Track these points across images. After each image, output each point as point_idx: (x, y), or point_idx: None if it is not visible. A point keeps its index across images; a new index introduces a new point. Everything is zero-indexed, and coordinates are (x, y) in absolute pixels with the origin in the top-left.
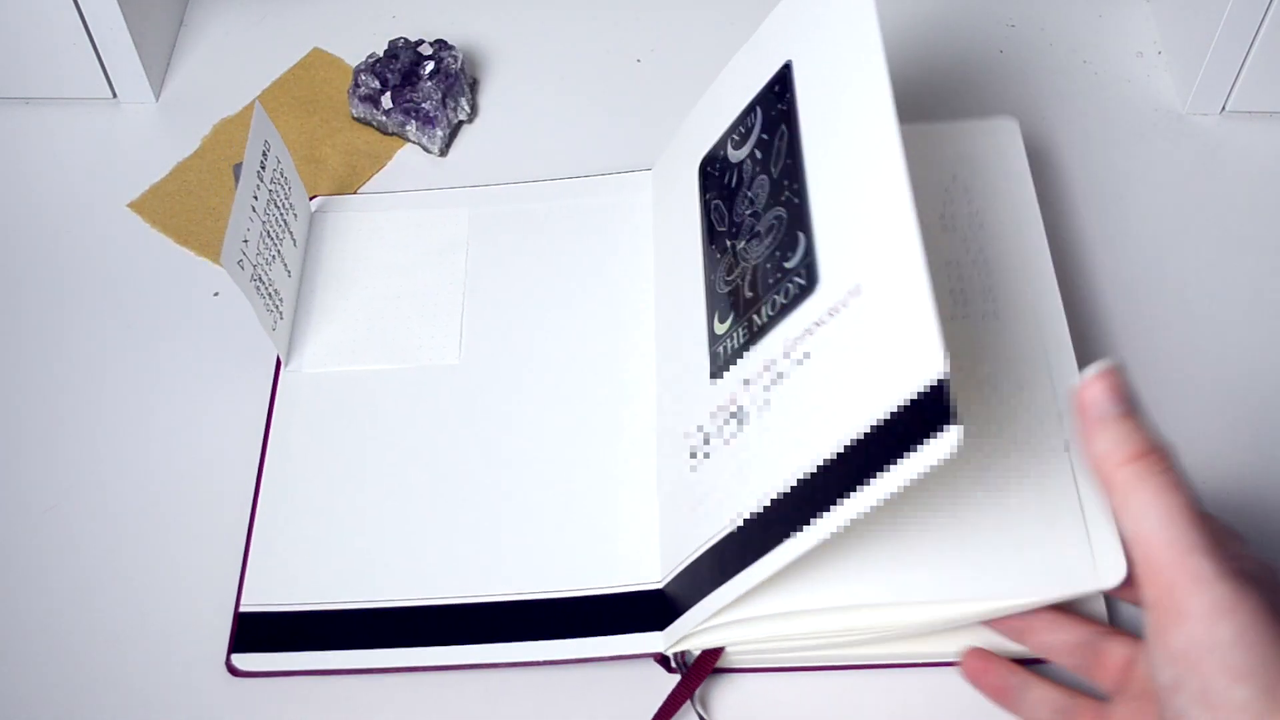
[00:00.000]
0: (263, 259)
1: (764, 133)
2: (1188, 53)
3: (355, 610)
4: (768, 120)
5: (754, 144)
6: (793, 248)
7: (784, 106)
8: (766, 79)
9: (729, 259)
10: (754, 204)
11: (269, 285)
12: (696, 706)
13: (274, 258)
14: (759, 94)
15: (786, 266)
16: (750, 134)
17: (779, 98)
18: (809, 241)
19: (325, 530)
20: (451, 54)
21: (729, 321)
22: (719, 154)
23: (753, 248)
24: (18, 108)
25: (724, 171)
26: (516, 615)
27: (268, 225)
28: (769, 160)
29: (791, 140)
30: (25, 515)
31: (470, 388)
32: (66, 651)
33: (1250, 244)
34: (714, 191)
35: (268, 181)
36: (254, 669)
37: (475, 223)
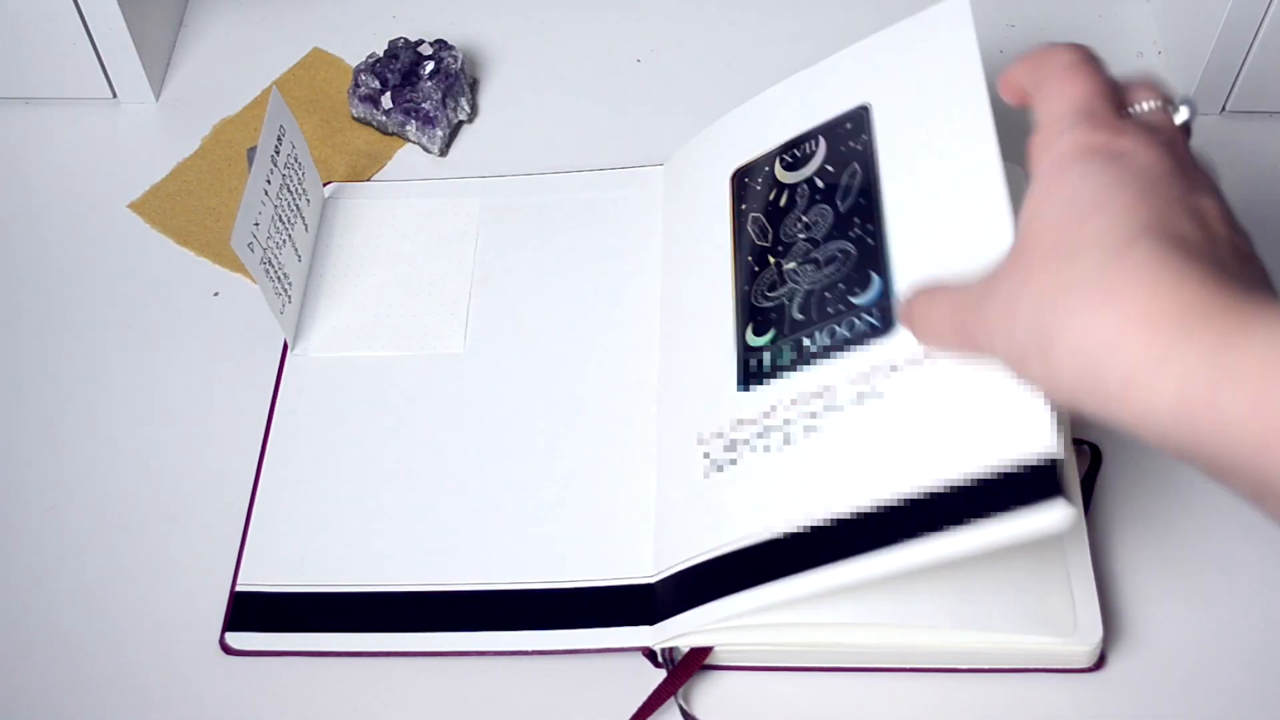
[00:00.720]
0: (273, 242)
1: (829, 164)
2: (1188, 53)
3: (349, 594)
4: (835, 153)
5: (814, 171)
6: (863, 285)
7: (859, 146)
8: (835, 113)
9: (771, 275)
10: (810, 230)
11: (279, 269)
12: (680, 702)
13: (285, 241)
14: (824, 125)
15: (854, 302)
16: (808, 160)
17: (852, 135)
18: (885, 284)
19: (323, 513)
20: (451, 54)
21: (768, 336)
22: (763, 169)
23: (806, 272)
24: (18, 108)
25: (769, 188)
26: (509, 604)
27: (280, 209)
28: (834, 193)
29: (867, 181)
30: (26, 515)
31: (473, 377)
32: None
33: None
34: (753, 204)
35: (281, 166)
36: (247, 648)
37: (485, 213)
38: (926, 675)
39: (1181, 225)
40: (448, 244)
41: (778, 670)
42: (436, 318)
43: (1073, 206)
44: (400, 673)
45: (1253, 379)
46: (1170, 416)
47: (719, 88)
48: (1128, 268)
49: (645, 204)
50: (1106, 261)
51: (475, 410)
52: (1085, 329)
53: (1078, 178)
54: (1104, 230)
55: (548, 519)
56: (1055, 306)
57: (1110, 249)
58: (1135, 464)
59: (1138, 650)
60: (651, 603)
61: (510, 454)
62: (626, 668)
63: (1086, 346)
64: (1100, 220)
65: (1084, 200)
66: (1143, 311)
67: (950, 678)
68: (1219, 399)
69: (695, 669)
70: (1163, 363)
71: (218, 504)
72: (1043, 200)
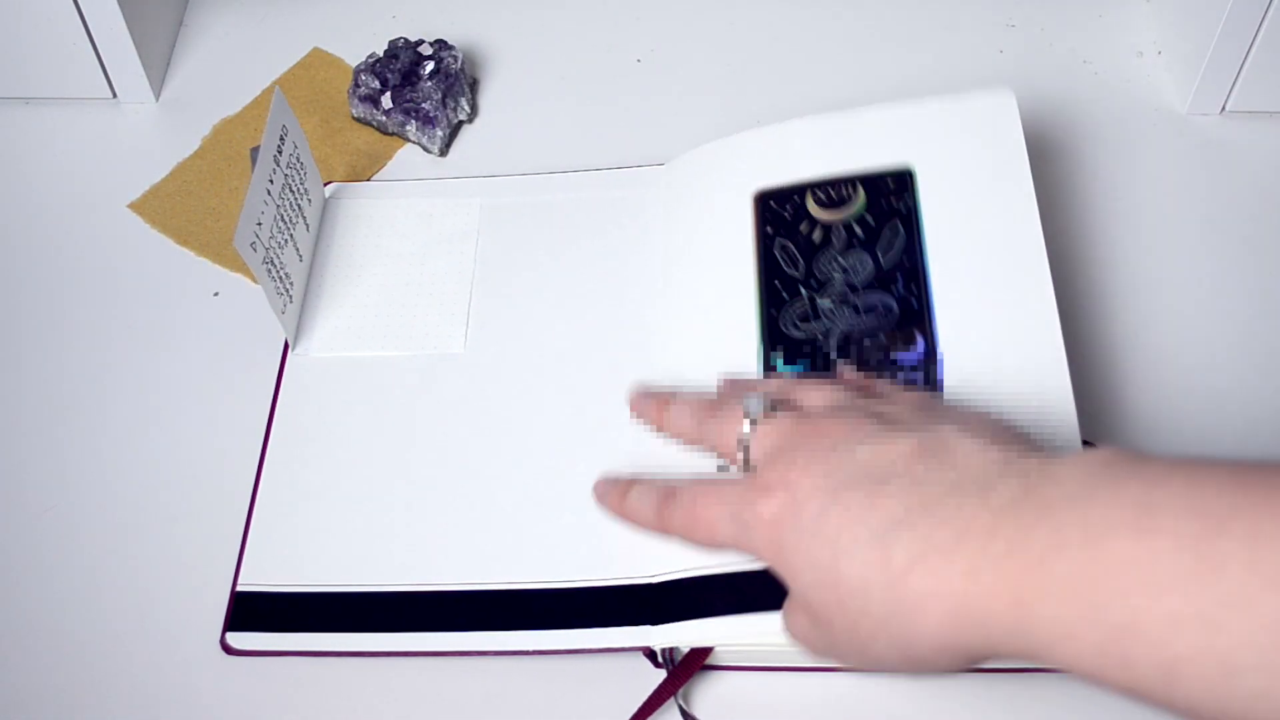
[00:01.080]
0: (275, 242)
1: (870, 214)
2: (1188, 53)
3: (350, 594)
4: (876, 205)
5: (853, 217)
6: (907, 344)
7: (901, 207)
8: (874, 165)
9: (804, 306)
10: (848, 274)
11: (280, 268)
12: (680, 702)
13: (286, 241)
14: (864, 174)
15: (896, 360)
16: (845, 203)
17: (895, 194)
18: (930, 348)
19: (324, 513)
20: (451, 54)
21: (799, 367)
22: (791, 198)
23: (845, 314)
24: (18, 108)
25: (800, 219)
26: (509, 604)
27: (282, 209)
28: (875, 244)
29: (910, 243)
30: (25, 515)
31: (473, 377)
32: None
33: (1250, 244)
34: (780, 231)
35: (284, 166)
36: (248, 648)
37: (486, 213)
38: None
39: (883, 505)
40: (448, 244)
41: (779, 670)
42: (437, 318)
43: (810, 571)
44: (400, 673)
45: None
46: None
47: (719, 88)
48: (902, 583)
49: (646, 204)
50: (886, 588)
51: (476, 410)
52: (927, 636)
53: (790, 550)
54: (861, 572)
55: (548, 519)
56: (890, 636)
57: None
58: None
59: None
60: (653, 603)
61: (510, 454)
62: (627, 668)
63: (941, 643)
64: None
65: (812, 561)
66: (953, 610)
67: (949, 678)
68: (1022, 613)
69: (696, 669)
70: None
71: (218, 504)
72: (789, 579)
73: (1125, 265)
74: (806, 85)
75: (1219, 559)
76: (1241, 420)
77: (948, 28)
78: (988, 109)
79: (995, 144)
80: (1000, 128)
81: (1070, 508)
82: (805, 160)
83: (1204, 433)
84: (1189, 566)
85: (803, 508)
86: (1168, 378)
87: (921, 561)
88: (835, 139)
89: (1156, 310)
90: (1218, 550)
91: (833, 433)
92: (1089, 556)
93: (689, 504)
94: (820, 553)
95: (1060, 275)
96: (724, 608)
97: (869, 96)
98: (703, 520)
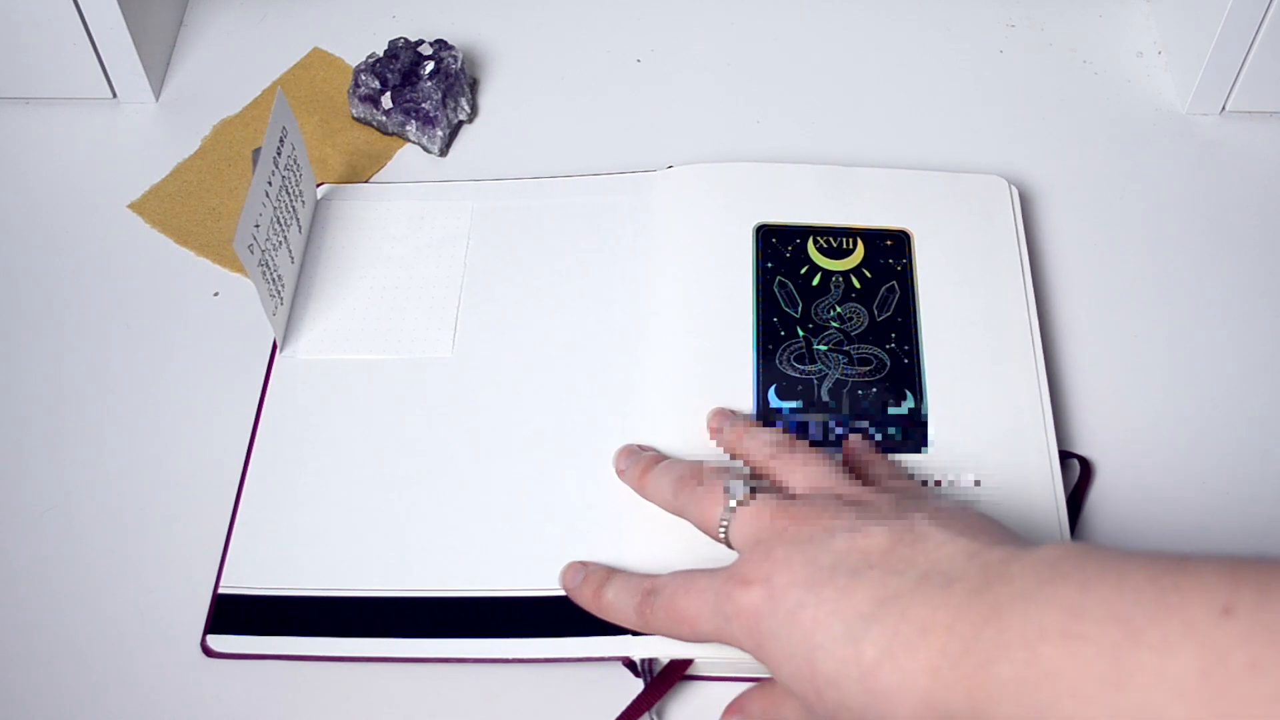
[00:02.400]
0: (270, 244)
1: (866, 269)
2: (1188, 53)
3: (332, 598)
4: (873, 262)
5: (852, 269)
6: (897, 398)
7: (898, 267)
8: (873, 223)
9: (800, 347)
10: (844, 323)
11: (274, 270)
12: (653, 717)
13: (281, 243)
14: (864, 230)
15: (890, 413)
16: (845, 254)
17: (892, 253)
18: (919, 406)
19: (308, 516)
20: (451, 54)
21: (792, 405)
22: (794, 240)
23: (838, 361)
24: (18, 108)
25: (802, 263)
26: (490, 611)
27: (278, 211)
28: (871, 299)
29: (904, 302)
30: (25, 513)
31: (460, 382)
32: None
33: (1250, 244)
34: (780, 269)
35: (282, 168)
36: (229, 651)
37: (477, 217)
38: None
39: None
40: (439, 248)
41: (758, 681)
42: (425, 322)
43: (787, 663)
44: (380, 678)
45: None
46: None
47: (719, 88)
48: (873, 678)
49: (637, 211)
50: (858, 681)
51: (461, 415)
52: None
53: (769, 640)
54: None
55: (531, 526)
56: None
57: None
58: (1126, 478)
59: None
60: None
61: (495, 460)
62: (607, 677)
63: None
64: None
65: (788, 653)
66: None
67: None
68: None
69: (676, 680)
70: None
71: (203, 505)
72: (771, 669)
73: (1124, 265)
74: (806, 85)
75: (1132, 668)
76: (1241, 420)
77: (948, 28)
78: (982, 189)
79: (989, 225)
80: (994, 211)
81: (1014, 608)
82: (804, 204)
83: (1202, 434)
84: (1107, 675)
85: (779, 601)
86: (1167, 378)
87: (889, 657)
88: (837, 190)
89: (1156, 310)
90: (1132, 659)
91: (811, 523)
92: (1025, 660)
93: (669, 601)
94: (797, 646)
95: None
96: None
97: (868, 97)
98: (685, 616)
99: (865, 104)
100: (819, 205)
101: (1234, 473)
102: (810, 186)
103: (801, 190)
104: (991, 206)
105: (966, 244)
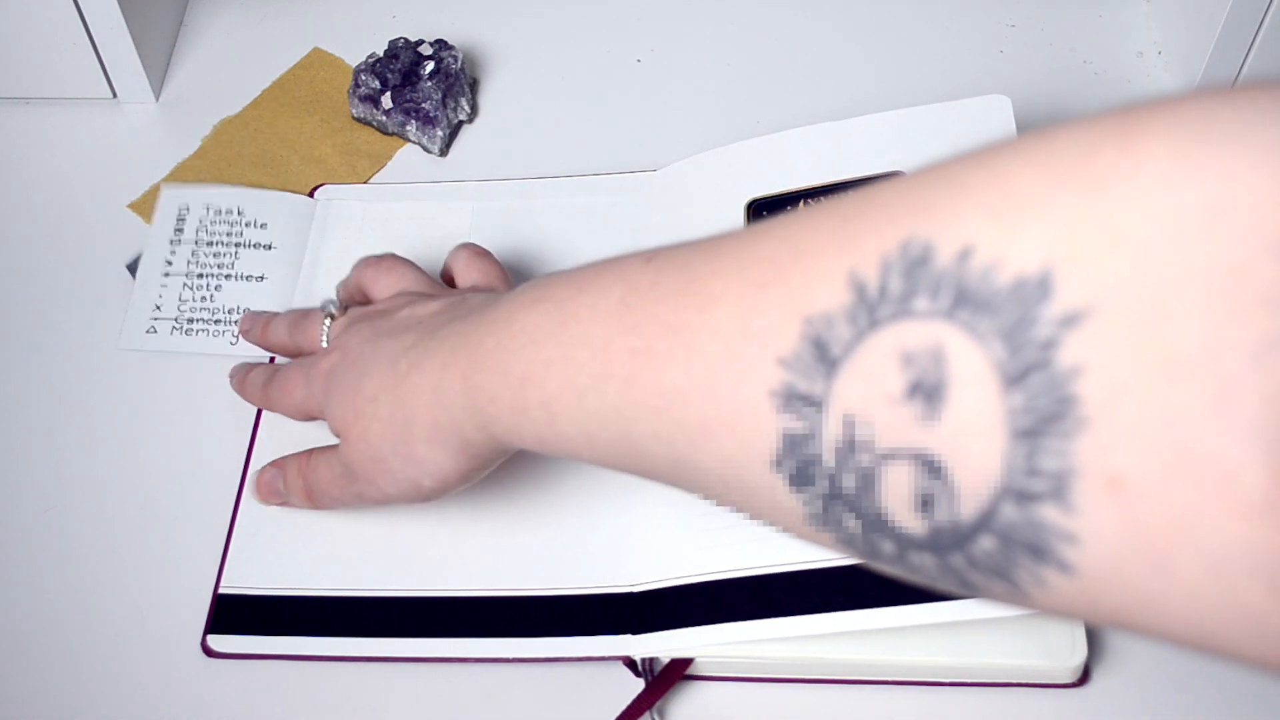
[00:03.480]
0: (196, 298)
1: None
2: (1188, 53)
3: (332, 598)
4: None
5: None
6: None
7: None
8: (866, 173)
9: None
10: None
11: (212, 316)
12: (654, 716)
13: (218, 287)
14: (855, 182)
15: None
16: None
17: None
18: None
19: (308, 516)
20: (451, 54)
21: None
22: (784, 208)
23: None
24: (18, 108)
25: None
26: (490, 610)
27: (197, 270)
28: None
29: None
30: (24, 513)
31: None
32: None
33: None
34: None
35: (189, 238)
36: (229, 651)
37: (478, 217)
38: (910, 688)
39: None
40: (439, 248)
41: (759, 681)
42: None
43: (342, 395)
44: (381, 678)
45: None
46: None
47: (719, 88)
48: (404, 382)
49: (638, 210)
50: (392, 389)
51: None
52: (421, 427)
53: (334, 382)
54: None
55: (530, 526)
56: (396, 435)
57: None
58: None
59: (1121, 666)
60: (634, 612)
61: None
62: (607, 677)
63: (433, 433)
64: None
65: (344, 388)
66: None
67: (933, 691)
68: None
69: (676, 680)
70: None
71: (203, 505)
72: (328, 410)
73: None
74: (806, 86)
75: (574, 309)
76: None
77: (948, 28)
78: (982, 113)
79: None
80: (994, 132)
81: (503, 303)
82: (798, 169)
83: None
84: (555, 319)
85: (347, 356)
86: None
87: (416, 366)
88: (829, 147)
89: None
90: (575, 303)
91: (383, 309)
92: (504, 330)
93: (281, 377)
94: (349, 377)
95: None
96: (705, 617)
97: (868, 96)
98: (287, 387)
99: (865, 104)
100: (811, 168)
101: None
102: (801, 151)
103: (793, 157)
104: (991, 128)
105: None
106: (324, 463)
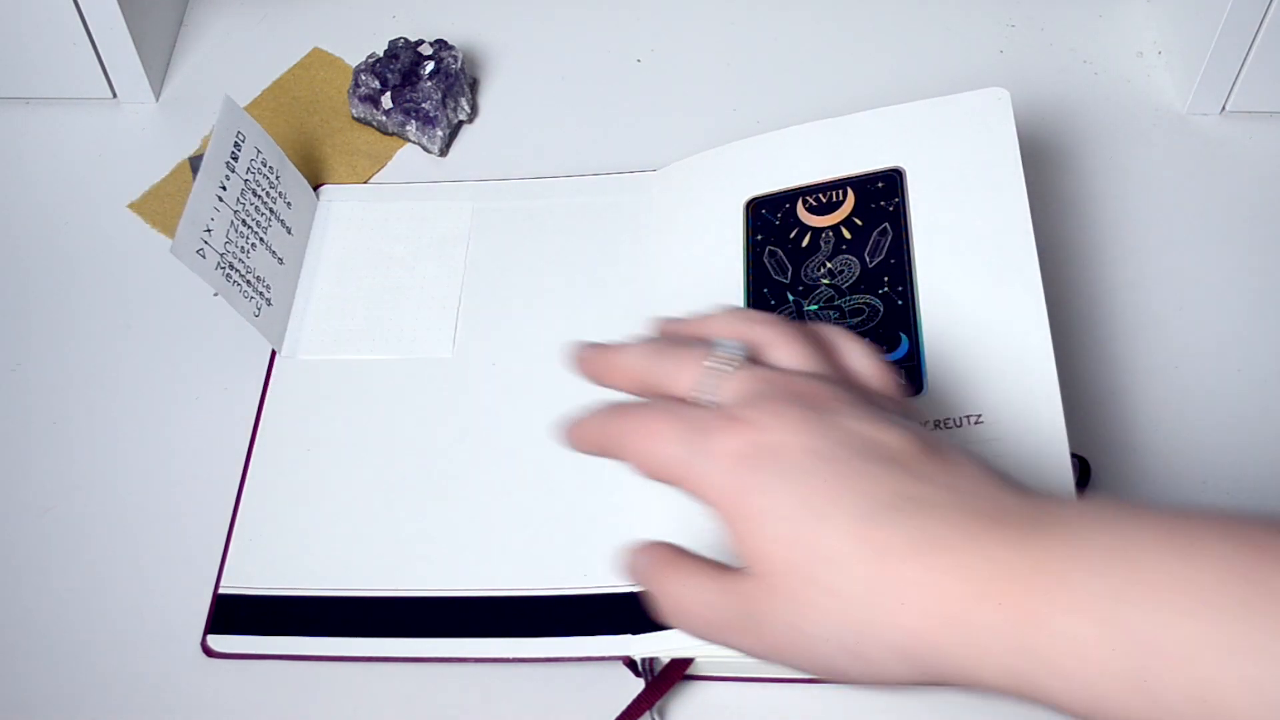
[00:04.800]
0: (235, 247)
1: (857, 217)
2: (1188, 53)
3: (332, 598)
4: (864, 208)
5: (841, 221)
6: (890, 344)
7: (890, 207)
8: (865, 169)
9: (790, 312)
10: (835, 278)
11: (247, 273)
12: (654, 716)
13: (254, 245)
14: (854, 178)
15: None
16: (834, 208)
17: (884, 195)
18: (915, 348)
19: (308, 516)
20: (451, 54)
21: None
22: (782, 206)
23: (829, 318)
24: (18, 108)
25: (790, 227)
26: (490, 611)
27: (244, 214)
28: (863, 247)
29: (897, 242)
30: (25, 512)
31: (460, 382)
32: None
33: (1250, 244)
34: (769, 238)
35: (242, 171)
36: (229, 651)
37: (478, 217)
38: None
39: (880, 488)
40: (439, 248)
41: (760, 681)
42: (425, 322)
43: (779, 522)
44: (381, 678)
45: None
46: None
47: (719, 88)
48: (890, 566)
49: (637, 210)
50: (869, 565)
51: (461, 415)
52: (895, 633)
53: (758, 492)
54: (833, 533)
55: (531, 526)
56: (848, 624)
57: (857, 554)
58: (1124, 478)
59: None
60: (635, 612)
61: (495, 460)
62: (608, 677)
63: (907, 646)
64: (818, 525)
65: (783, 512)
66: (928, 604)
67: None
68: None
69: (676, 679)
70: (976, 631)
71: (203, 505)
72: (743, 523)
73: (1125, 265)
74: (806, 85)
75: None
76: (1241, 420)
77: (948, 28)
78: (980, 107)
79: (987, 141)
80: (993, 124)
81: (1094, 527)
82: (797, 166)
83: (1202, 434)
84: (1237, 594)
85: (779, 454)
86: (1166, 378)
87: (914, 552)
88: (828, 144)
89: (1156, 310)
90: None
91: (819, 396)
92: (1105, 620)
93: (644, 417)
94: (796, 509)
95: (1058, 275)
96: None
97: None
98: (652, 429)
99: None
100: (809, 164)
101: (1235, 472)
102: (799, 148)
103: (791, 154)
104: (990, 121)
105: (963, 169)
106: (708, 591)
